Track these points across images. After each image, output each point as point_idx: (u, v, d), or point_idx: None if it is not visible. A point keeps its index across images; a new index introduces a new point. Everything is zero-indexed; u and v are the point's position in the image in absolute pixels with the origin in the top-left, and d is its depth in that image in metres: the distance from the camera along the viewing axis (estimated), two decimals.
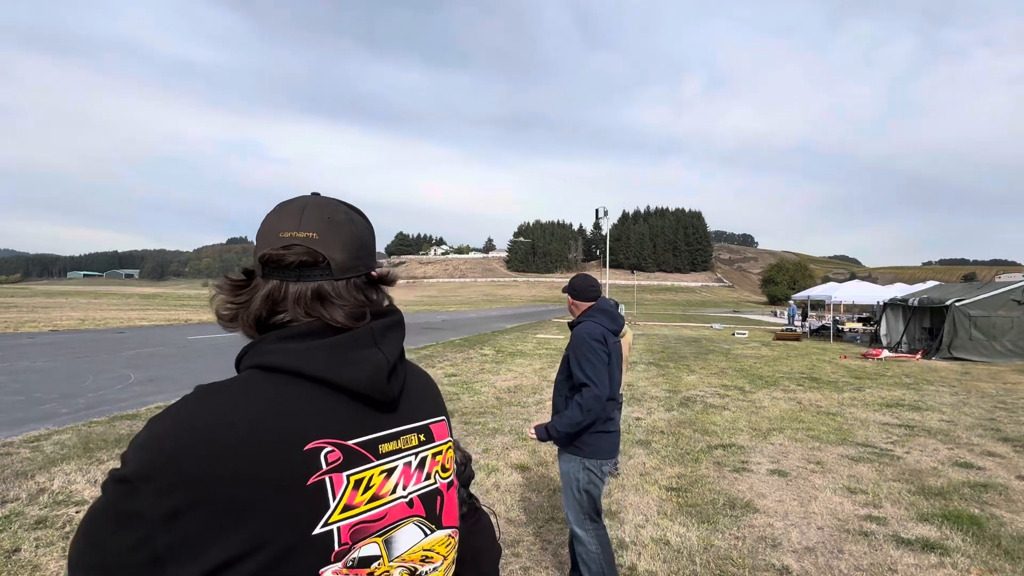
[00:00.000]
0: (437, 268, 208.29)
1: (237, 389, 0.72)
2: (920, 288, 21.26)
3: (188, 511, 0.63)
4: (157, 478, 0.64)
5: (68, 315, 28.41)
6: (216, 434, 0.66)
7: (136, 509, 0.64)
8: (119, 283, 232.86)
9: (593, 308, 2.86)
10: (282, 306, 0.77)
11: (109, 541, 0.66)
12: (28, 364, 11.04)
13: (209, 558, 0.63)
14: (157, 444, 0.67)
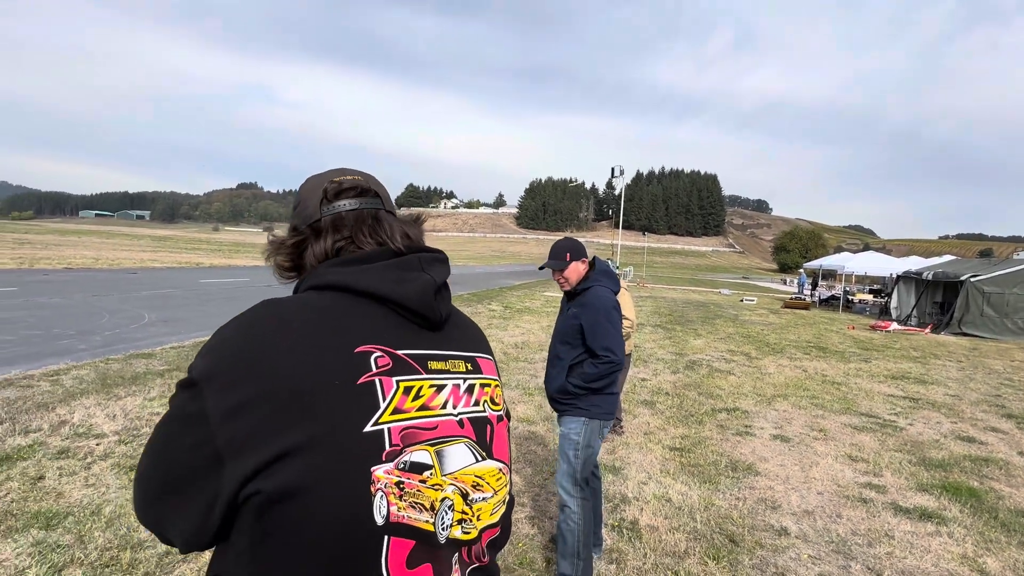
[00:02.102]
0: (447, 222, 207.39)
1: (295, 301, 0.78)
2: (935, 262, 20.97)
3: (247, 406, 0.67)
4: (220, 376, 0.69)
5: (82, 254, 28.70)
6: (274, 336, 0.71)
7: (200, 410, 0.68)
8: (131, 224, 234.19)
9: (597, 272, 2.76)
10: (345, 232, 0.85)
11: (173, 446, 0.70)
12: (45, 300, 11.22)
13: (265, 451, 0.66)
14: (220, 346, 0.72)
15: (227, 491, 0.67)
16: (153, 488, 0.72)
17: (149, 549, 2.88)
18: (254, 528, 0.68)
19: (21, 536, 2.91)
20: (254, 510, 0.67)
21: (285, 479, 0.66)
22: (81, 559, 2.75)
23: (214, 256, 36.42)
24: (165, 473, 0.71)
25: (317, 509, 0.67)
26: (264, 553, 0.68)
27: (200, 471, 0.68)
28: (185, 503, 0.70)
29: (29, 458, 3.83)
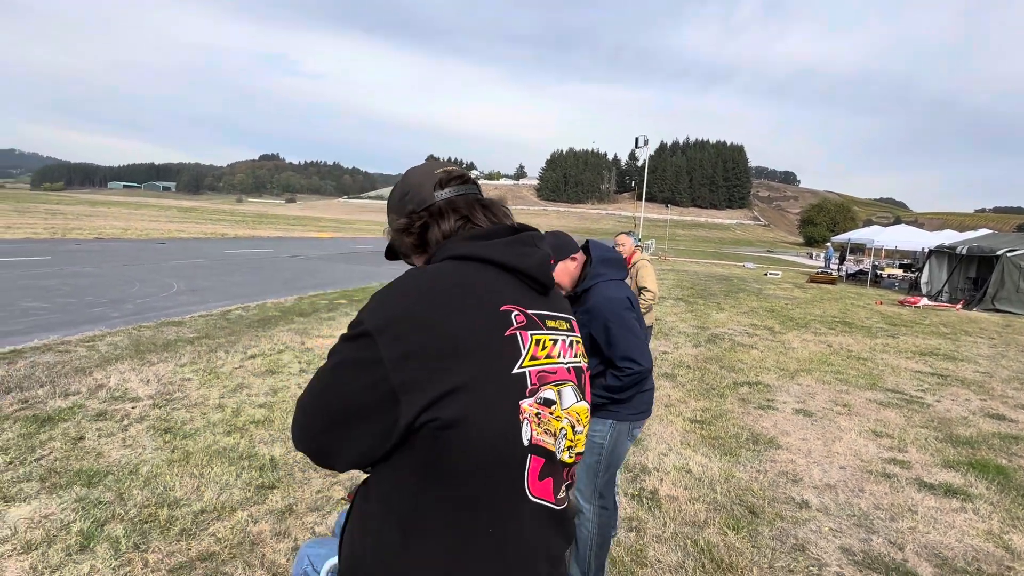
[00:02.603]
0: None
1: (443, 268, 0.92)
2: (971, 236, 20.29)
3: (417, 353, 0.81)
4: (391, 328, 0.82)
5: (111, 224, 29.34)
6: (434, 294, 0.86)
7: (374, 356, 0.82)
8: (157, 195, 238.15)
9: (595, 263, 2.32)
10: (462, 212, 1.02)
11: (349, 385, 0.84)
12: (78, 269, 11.55)
13: (435, 389, 0.80)
14: (388, 303, 0.86)
15: (404, 420, 0.81)
16: (325, 422, 0.86)
17: (184, 507, 3.00)
18: (426, 448, 0.83)
19: (65, 492, 3.05)
20: (428, 434, 0.82)
21: (455, 410, 0.81)
22: (121, 515, 2.88)
23: (238, 227, 36.94)
24: (339, 409, 0.85)
25: (481, 432, 0.83)
26: (434, 470, 0.83)
27: (376, 406, 0.82)
28: (360, 432, 0.84)
29: (69, 419, 3.99)
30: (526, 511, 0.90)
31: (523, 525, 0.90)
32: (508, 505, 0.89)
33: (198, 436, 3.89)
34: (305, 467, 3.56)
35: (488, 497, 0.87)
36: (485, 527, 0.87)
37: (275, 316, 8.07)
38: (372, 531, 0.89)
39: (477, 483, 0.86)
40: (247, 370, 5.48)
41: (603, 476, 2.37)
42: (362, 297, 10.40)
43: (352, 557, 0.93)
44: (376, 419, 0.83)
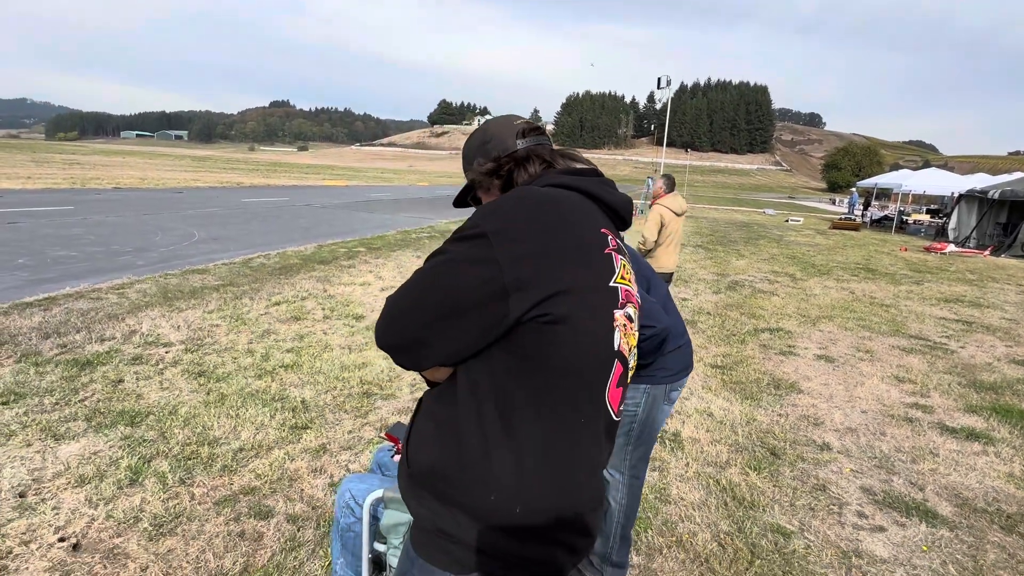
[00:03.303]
0: None
1: (548, 189, 1.01)
2: (1004, 179, 19.54)
3: (531, 256, 0.89)
4: (508, 231, 0.90)
5: (128, 174, 29.43)
6: (545, 205, 0.95)
7: (489, 255, 0.89)
8: (170, 144, 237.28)
9: None
10: (545, 158, 1.11)
11: (460, 281, 0.90)
12: (101, 219, 11.69)
13: (545, 288, 0.88)
14: (503, 210, 0.93)
15: (514, 315, 0.88)
16: (428, 315, 0.91)
17: (224, 446, 3.13)
18: (529, 343, 0.90)
19: (111, 431, 3.19)
20: (534, 329, 0.89)
21: (564, 308, 0.90)
22: (165, 452, 3.02)
23: (253, 176, 36.86)
24: (446, 303, 0.90)
25: (583, 330, 0.93)
26: (532, 364, 0.91)
27: (486, 301, 0.88)
28: (466, 325, 0.90)
29: (108, 363, 4.13)
30: (600, 415, 1.00)
31: (596, 428, 0.99)
32: (590, 406, 0.98)
33: (231, 379, 4.01)
34: (335, 409, 3.68)
35: (577, 395, 0.95)
36: (570, 424, 0.96)
37: (296, 264, 8.15)
38: (458, 433, 0.94)
39: (571, 380, 0.94)
40: (272, 316, 5.59)
41: (638, 446, 2.17)
42: (380, 245, 10.44)
43: (435, 464, 0.96)
44: (484, 314, 0.89)
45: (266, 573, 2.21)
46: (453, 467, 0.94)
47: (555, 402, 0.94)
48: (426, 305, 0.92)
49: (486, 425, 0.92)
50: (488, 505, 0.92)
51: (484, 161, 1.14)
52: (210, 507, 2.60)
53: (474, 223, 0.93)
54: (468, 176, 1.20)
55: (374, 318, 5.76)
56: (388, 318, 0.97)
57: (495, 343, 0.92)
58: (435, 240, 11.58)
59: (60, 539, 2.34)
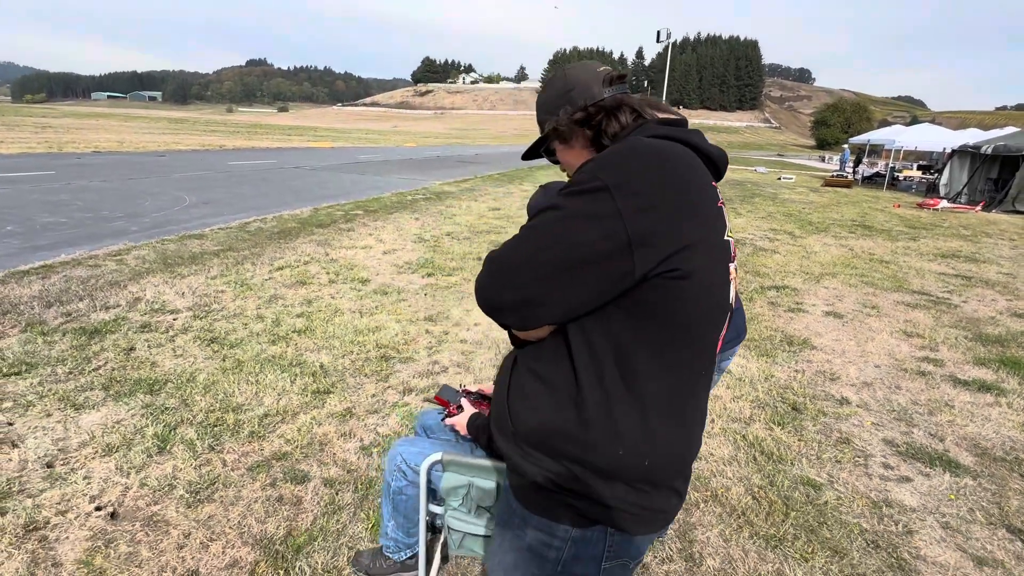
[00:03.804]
0: (466, 99, 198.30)
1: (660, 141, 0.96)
2: (996, 134, 19.54)
3: (655, 208, 0.86)
4: (629, 183, 0.86)
5: (105, 137, 28.45)
6: (665, 157, 0.91)
7: (610, 209, 0.85)
8: (144, 106, 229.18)
9: None
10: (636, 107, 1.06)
11: (580, 237, 0.86)
12: (85, 183, 11.31)
13: (670, 242, 0.86)
14: (623, 162, 0.89)
15: (641, 270, 0.86)
16: (544, 271, 0.87)
17: (248, 412, 3.09)
18: (653, 299, 0.89)
19: (131, 400, 3.14)
20: (659, 284, 0.88)
21: (689, 263, 0.88)
22: (190, 419, 2.98)
23: (235, 138, 35.82)
24: (566, 260, 0.86)
25: (708, 285, 0.92)
26: (655, 321, 0.90)
27: (609, 256, 0.86)
28: (587, 281, 0.87)
29: (116, 331, 4.05)
30: (711, 367, 1.00)
31: (707, 380, 1.00)
32: (707, 359, 0.98)
33: (245, 346, 3.95)
34: (355, 373, 3.65)
35: (696, 348, 0.96)
36: (690, 377, 0.96)
37: (294, 228, 7.98)
38: (575, 391, 0.93)
39: (693, 334, 0.94)
40: (277, 281, 5.49)
41: None
42: (377, 207, 10.25)
43: (549, 423, 0.95)
44: (606, 270, 0.86)
45: (310, 536, 2.21)
46: (573, 425, 0.94)
47: (677, 357, 0.94)
48: (543, 262, 0.88)
49: (607, 382, 0.92)
50: (617, 460, 0.93)
51: (572, 110, 1.09)
52: (244, 473, 2.58)
53: (591, 176, 0.89)
54: (549, 126, 1.14)
55: (380, 282, 5.69)
56: (498, 276, 0.92)
57: (613, 299, 0.90)
58: (431, 201, 11.39)
59: (97, 508, 2.31)
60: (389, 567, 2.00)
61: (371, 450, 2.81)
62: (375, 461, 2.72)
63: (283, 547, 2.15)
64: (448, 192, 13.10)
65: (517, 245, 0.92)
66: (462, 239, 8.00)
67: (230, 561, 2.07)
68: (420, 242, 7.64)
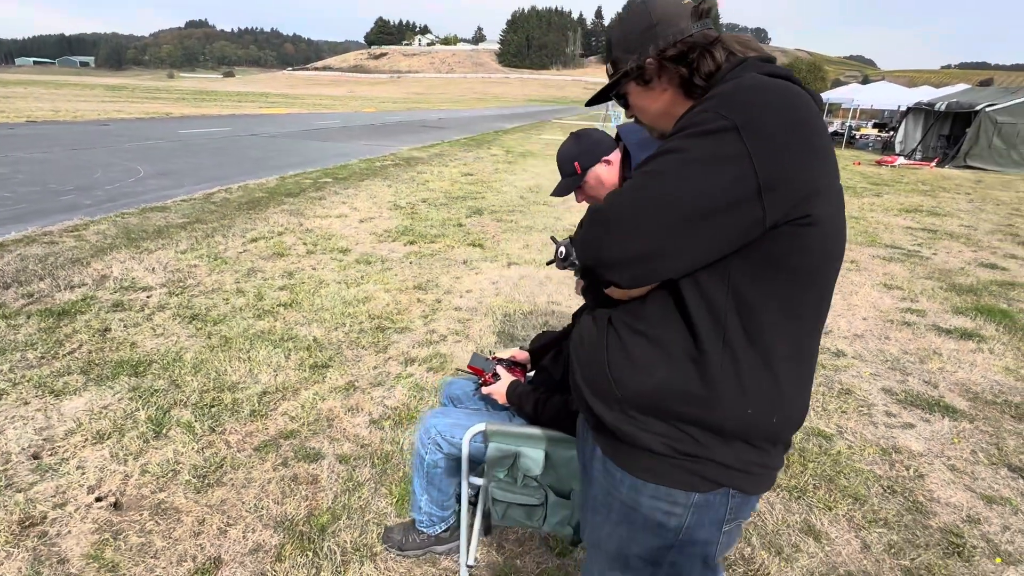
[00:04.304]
0: (422, 61, 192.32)
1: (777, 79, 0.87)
2: (948, 92, 20.14)
3: (787, 150, 0.79)
4: (759, 123, 0.79)
5: (37, 106, 26.42)
6: (789, 96, 0.83)
7: (740, 150, 0.78)
8: (76, 72, 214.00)
9: (635, 150, 1.65)
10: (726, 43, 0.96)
11: (707, 182, 0.79)
12: (23, 155, 10.49)
13: (803, 185, 0.81)
14: (749, 100, 0.81)
15: (770, 218, 0.80)
16: (667, 223, 0.80)
17: (246, 390, 2.94)
18: (782, 246, 0.83)
19: (115, 383, 2.94)
20: (788, 231, 0.82)
21: (817, 210, 0.82)
22: (183, 401, 2.82)
23: (181, 105, 33.85)
24: (694, 208, 0.79)
25: (829, 235, 0.85)
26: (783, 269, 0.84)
27: (739, 203, 0.79)
28: (713, 232, 0.80)
29: (86, 312, 3.78)
30: (825, 318, 0.95)
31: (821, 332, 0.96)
32: (825, 309, 0.93)
33: (229, 322, 3.75)
34: (352, 345, 3.52)
35: (818, 298, 0.90)
36: (812, 328, 0.91)
37: (262, 198, 7.61)
38: (693, 350, 0.88)
39: (817, 283, 0.89)
40: (253, 254, 5.23)
41: None
42: (346, 175, 9.87)
43: (665, 385, 0.89)
44: (735, 217, 0.80)
45: (334, 515, 2.12)
46: (695, 386, 0.88)
47: (801, 308, 0.89)
48: (666, 212, 0.80)
49: (731, 339, 0.86)
50: (744, 420, 0.88)
51: (662, 46, 0.97)
52: (251, 454, 2.46)
53: (716, 115, 0.80)
54: (630, 64, 1.01)
55: (361, 251, 5.50)
56: (613, 229, 0.83)
57: (743, 248, 0.83)
58: (401, 168, 11.05)
59: (97, 499, 2.17)
60: (423, 541, 1.94)
61: (382, 423, 2.72)
62: (388, 434, 2.64)
63: (306, 527, 2.06)
64: (418, 158, 12.73)
65: (634, 194, 0.83)
66: (439, 205, 7.79)
67: (253, 546, 1.97)
68: (396, 209, 7.41)
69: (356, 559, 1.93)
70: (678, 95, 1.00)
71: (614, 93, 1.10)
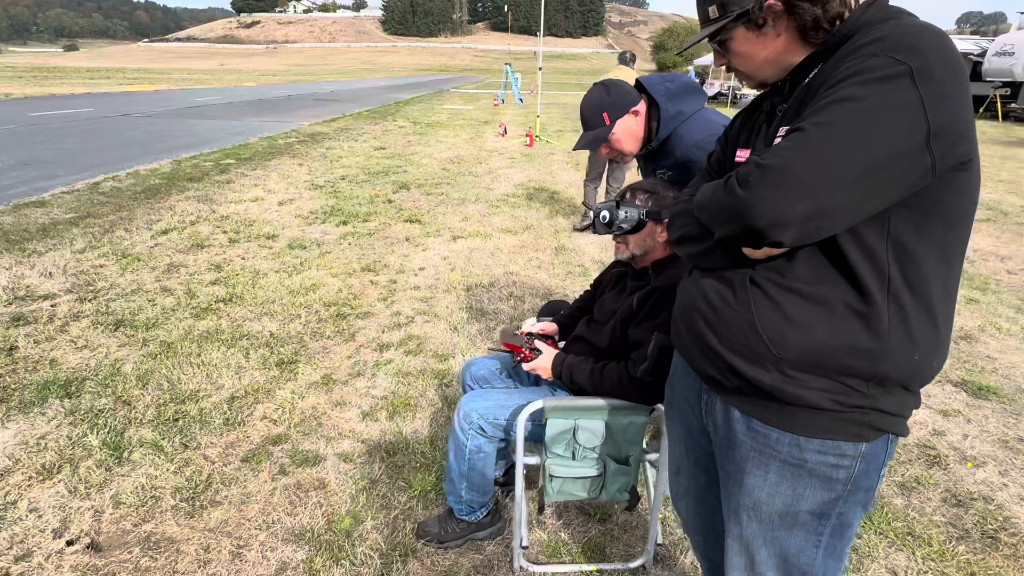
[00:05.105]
0: (301, 30, 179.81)
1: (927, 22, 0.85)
2: None
3: (951, 96, 0.78)
4: (932, 70, 0.77)
5: None
6: (946, 38, 0.81)
7: (914, 96, 0.76)
8: None
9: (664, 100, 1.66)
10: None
11: (887, 130, 0.77)
12: None
13: (961, 130, 0.80)
14: (917, 44, 0.79)
15: (940, 165, 0.79)
16: (852, 173, 0.77)
17: (211, 397, 2.65)
18: (938, 192, 0.83)
19: (45, 408, 2.53)
20: (947, 177, 0.82)
21: (972, 154, 0.83)
22: (138, 419, 2.48)
23: (21, 85, 29.25)
24: (876, 157, 0.77)
25: (976, 177, 0.86)
26: (937, 216, 0.85)
27: (913, 150, 0.77)
28: (891, 180, 0.79)
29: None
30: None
31: None
32: (965, 249, 0.94)
33: (165, 325, 3.35)
34: (316, 336, 3.27)
35: (965, 242, 0.91)
36: (959, 269, 0.92)
37: (160, 185, 6.80)
38: (857, 303, 0.86)
39: (967, 227, 0.90)
40: (167, 248, 4.69)
41: None
42: (250, 155, 9.06)
43: (829, 341, 0.88)
44: (911, 166, 0.79)
45: (356, 517, 1.97)
46: (863, 339, 0.87)
47: (955, 252, 0.90)
48: (846, 165, 0.77)
49: (896, 289, 0.86)
50: (912, 366, 0.89)
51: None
52: (239, 466, 2.23)
53: (891, 60, 0.78)
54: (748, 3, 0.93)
55: (290, 236, 5.10)
56: (787, 186, 0.79)
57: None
58: (307, 144, 10.31)
59: (68, 542, 1.87)
60: (463, 529, 1.86)
61: (376, 415, 2.56)
62: (386, 426, 2.49)
63: (330, 536, 1.90)
64: (323, 133, 11.93)
65: (809, 147, 0.78)
66: (360, 182, 7.39)
67: (278, 565, 1.79)
68: (316, 189, 6.93)
69: (396, 558, 1.81)
70: (793, 41, 0.95)
71: (718, 40, 1.03)
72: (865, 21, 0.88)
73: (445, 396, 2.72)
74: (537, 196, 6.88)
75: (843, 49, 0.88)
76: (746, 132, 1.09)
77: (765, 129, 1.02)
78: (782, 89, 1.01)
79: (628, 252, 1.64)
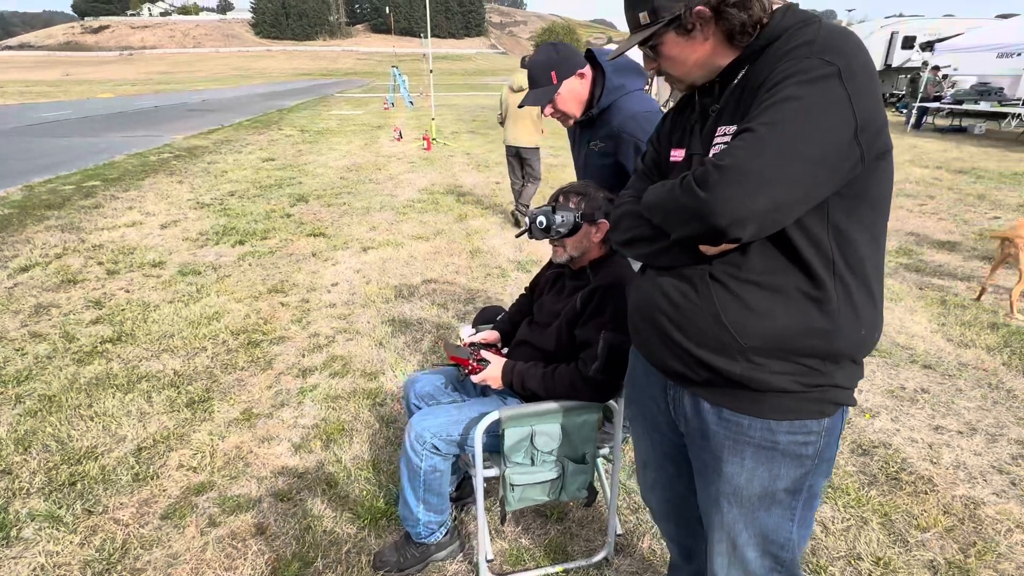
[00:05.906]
0: (159, 35, 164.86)
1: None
2: None
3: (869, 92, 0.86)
4: (853, 68, 0.85)
5: None
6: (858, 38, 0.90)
7: (842, 94, 0.84)
8: None
9: (610, 71, 1.76)
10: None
11: (825, 126, 0.84)
12: None
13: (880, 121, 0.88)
14: (842, 46, 0.87)
15: (867, 156, 0.87)
16: (801, 168, 0.84)
17: (112, 452, 2.36)
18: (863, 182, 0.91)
19: None
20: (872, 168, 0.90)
21: (888, 142, 0.92)
22: (25, 488, 2.16)
23: None
24: (820, 152, 0.84)
25: (892, 164, 0.95)
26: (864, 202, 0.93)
27: (848, 143, 0.85)
28: (831, 172, 0.86)
29: None
30: None
31: None
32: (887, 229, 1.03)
33: (41, 377, 2.94)
34: (228, 369, 3.01)
35: (888, 219, 1.00)
36: (884, 250, 1.01)
37: (11, 215, 5.93)
38: (808, 288, 0.93)
39: (888, 208, 0.99)
40: (30, 286, 4.12)
41: None
42: (117, 175, 8.15)
43: (791, 326, 0.94)
44: (845, 158, 0.86)
45: (304, 561, 1.84)
46: (818, 321, 0.94)
47: (881, 232, 0.99)
48: (795, 161, 0.84)
49: (839, 271, 0.94)
50: (859, 340, 0.98)
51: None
52: (158, 525, 2.00)
53: (822, 62, 0.86)
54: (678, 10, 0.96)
55: (180, 261, 4.67)
56: (745, 184, 0.84)
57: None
58: (185, 160, 9.47)
59: None
60: (423, 553, 1.80)
61: (310, 446, 2.41)
62: (323, 456, 2.35)
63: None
64: (201, 147, 11.01)
65: (759, 146, 0.83)
66: (252, 197, 6.92)
67: None
68: (202, 207, 6.40)
69: None
70: (720, 45, 1.00)
71: (650, 45, 1.06)
72: (785, 26, 0.94)
73: (381, 416, 2.61)
74: (443, 200, 6.81)
75: (769, 51, 0.94)
76: (679, 131, 1.13)
77: (700, 128, 1.06)
78: (711, 90, 1.06)
79: (566, 255, 1.66)
